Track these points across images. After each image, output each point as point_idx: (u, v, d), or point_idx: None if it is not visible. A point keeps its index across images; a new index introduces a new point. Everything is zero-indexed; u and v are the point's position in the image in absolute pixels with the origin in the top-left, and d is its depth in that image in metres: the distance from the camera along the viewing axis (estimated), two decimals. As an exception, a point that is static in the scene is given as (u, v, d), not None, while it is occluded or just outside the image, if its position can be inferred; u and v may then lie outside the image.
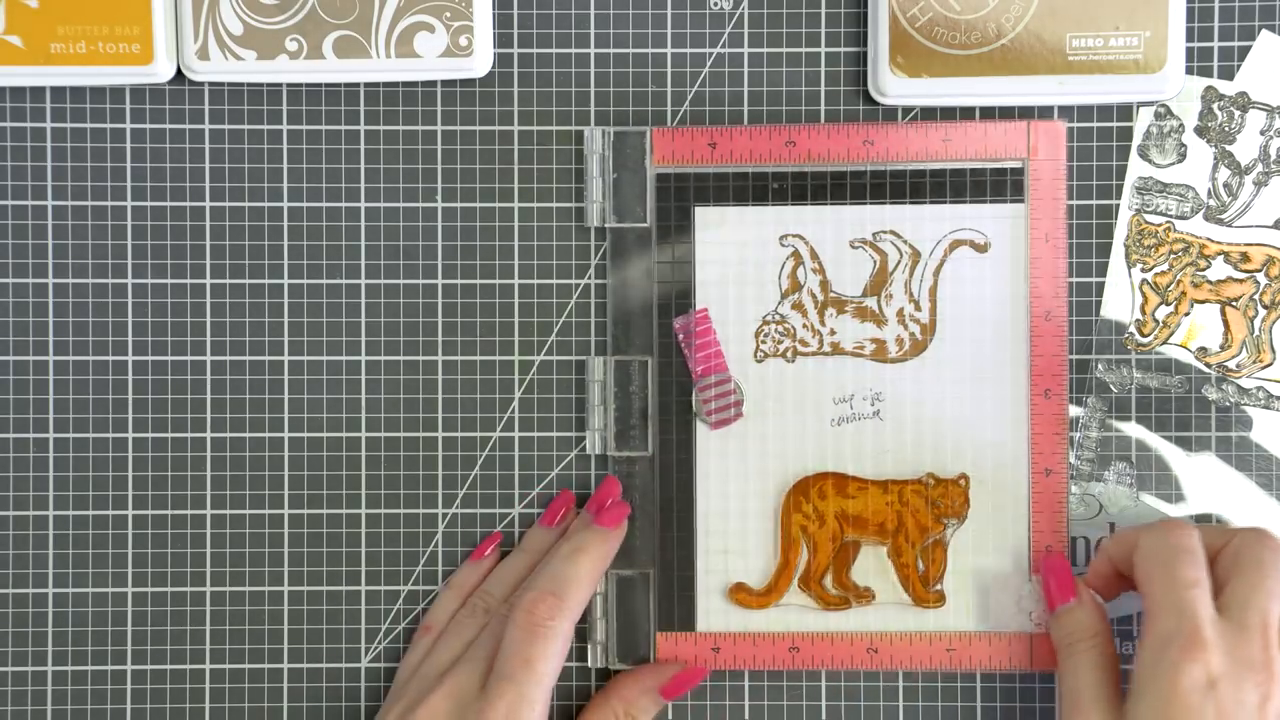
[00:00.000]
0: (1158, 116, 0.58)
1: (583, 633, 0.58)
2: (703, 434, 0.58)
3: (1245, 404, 0.58)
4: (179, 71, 0.57)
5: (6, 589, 0.58)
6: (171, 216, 0.58)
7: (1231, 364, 0.58)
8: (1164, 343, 0.58)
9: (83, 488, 0.58)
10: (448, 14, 0.56)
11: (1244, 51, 0.57)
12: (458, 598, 0.58)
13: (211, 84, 0.58)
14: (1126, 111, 0.58)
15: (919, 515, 0.57)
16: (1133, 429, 0.58)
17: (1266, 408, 0.58)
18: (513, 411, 0.58)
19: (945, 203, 0.57)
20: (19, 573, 0.58)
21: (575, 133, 0.58)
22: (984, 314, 0.57)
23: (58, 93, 0.58)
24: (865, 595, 0.57)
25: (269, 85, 0.58)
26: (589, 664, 0.58)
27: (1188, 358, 0.58)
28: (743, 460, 0.58)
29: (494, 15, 0.57)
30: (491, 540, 0.58)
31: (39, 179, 0.58)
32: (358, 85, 0.58)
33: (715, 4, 0.58)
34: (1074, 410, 0.58)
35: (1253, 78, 0.57)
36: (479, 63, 0.56)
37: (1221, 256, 0.58)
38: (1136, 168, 0.58)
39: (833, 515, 0.57)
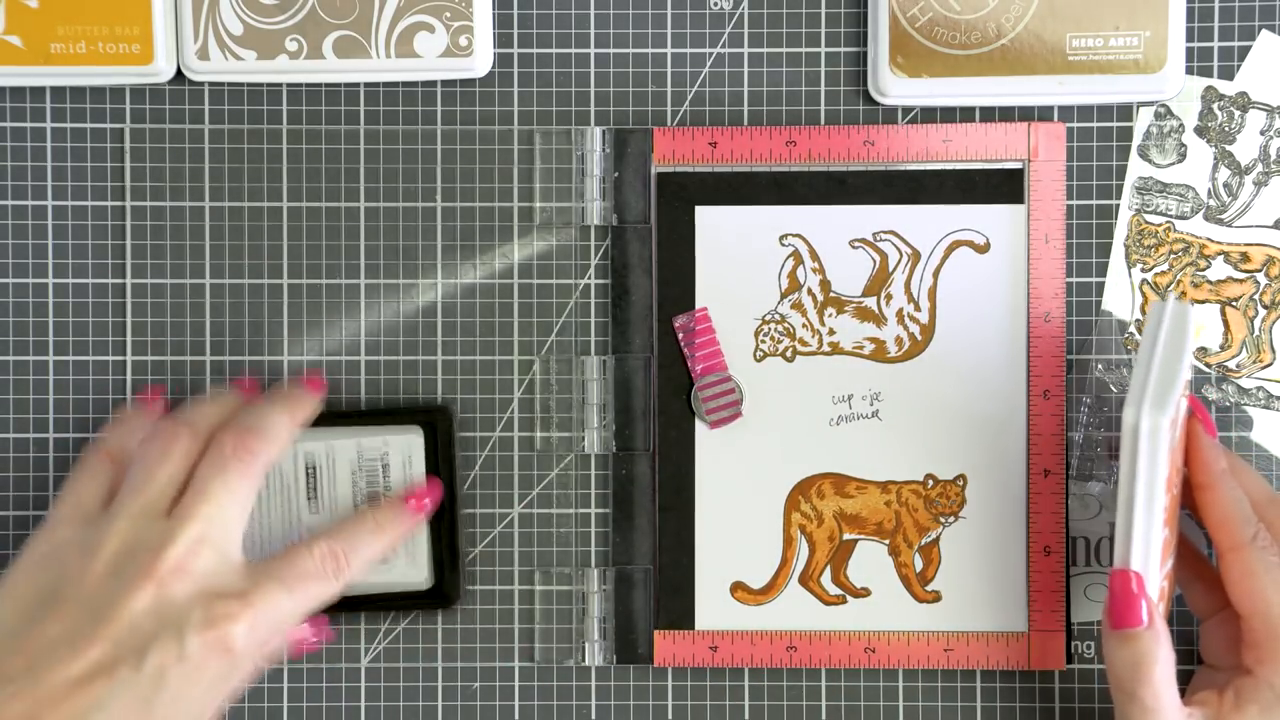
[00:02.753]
0: (1158, 116, 0.58)
1: (582, 631, 0.58)
2: (702, 434, 0.58)
3: (1245, 404, 0.58)
4: (179, 71, 0.57)
5: (7, 588, 0.58)
6: (171, 216, 0.58)
7: (1231, 364, 0.58)
8: (1164, 343, 0.58)
9: (83, 487, 0.58)
10: (448, 14, 0.56)
11: (1244, 51, 0.57)
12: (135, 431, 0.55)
13: (211, 84, 0.58)
14: (1126, 111, 0.58)
15: (917, 515, 0.57)
16: (1132, 429, 0.58)
17: (1266, 408, 0.58)
18: (512, 411, 0.58)
19: (945, 203, 0.57)
20: (19, 572, 0.58)
21: (575, 132, 0.58)
22: (983, 315, 0.57)
23: (58, 93, 0.58)
24: (863, 593, 0.58)
25: (269, 85, 0.58)
26: (588, 662, 0.58)
27: (1187, 358, 0.58)
28: (742, 459, 0.58)
29: (494, 15, 0.57)
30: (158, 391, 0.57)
31: (39, 179, 0.58)
32: (358, 85, 0.58)
33: (715, 4, 0.58)
34: (1073, 411, 0.58)
35: (1253, 78, 0.57)
36: (479, 63, 0.56)
37: (1221, 256, 0.58)
38: (1136, 168, 0.58)
39: (831, 515, 0.57)
